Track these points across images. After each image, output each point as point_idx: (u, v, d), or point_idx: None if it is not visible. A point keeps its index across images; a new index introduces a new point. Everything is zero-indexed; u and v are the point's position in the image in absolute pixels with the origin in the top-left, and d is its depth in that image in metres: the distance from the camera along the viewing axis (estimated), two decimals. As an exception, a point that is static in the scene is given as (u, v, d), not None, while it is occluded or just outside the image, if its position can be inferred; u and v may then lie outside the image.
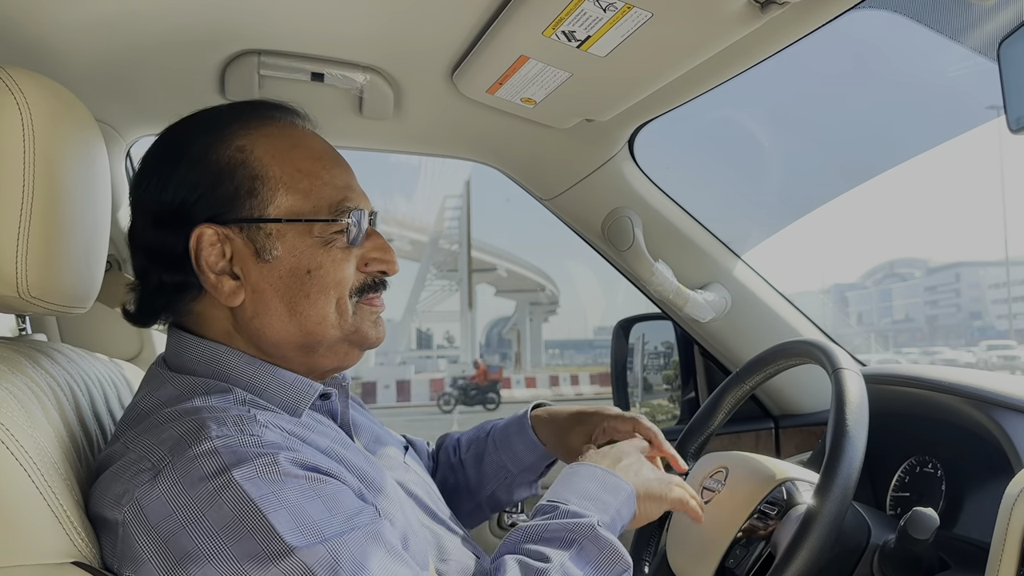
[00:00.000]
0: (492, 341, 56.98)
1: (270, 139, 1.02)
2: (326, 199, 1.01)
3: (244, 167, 0.99)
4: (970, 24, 1.19)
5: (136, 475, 0.84)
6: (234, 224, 0.98)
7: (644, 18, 1.09)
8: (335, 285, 1.01)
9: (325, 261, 1.00)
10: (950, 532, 1.25)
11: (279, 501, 0.81)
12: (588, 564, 0.95)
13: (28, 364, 0.97)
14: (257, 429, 0.87)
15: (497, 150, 1.74)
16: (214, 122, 1.03)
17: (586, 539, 0.96)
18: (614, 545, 0.97)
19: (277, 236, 0.99)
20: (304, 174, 1.01)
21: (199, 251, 0.97)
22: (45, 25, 1.18)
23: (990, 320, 62.71)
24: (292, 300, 0.99)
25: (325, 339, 1.02)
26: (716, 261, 1.81)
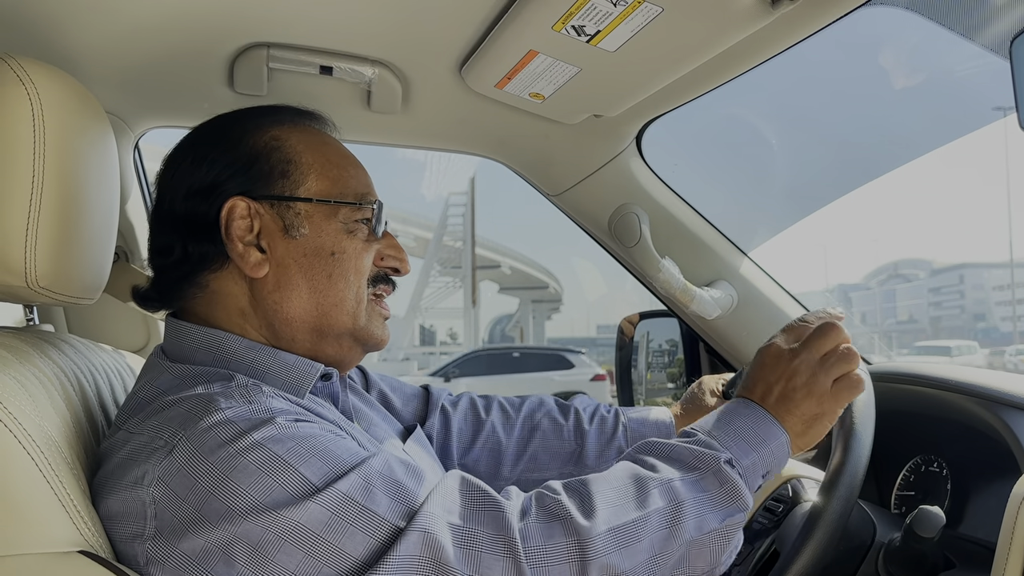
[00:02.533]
0: (495, 338, 57.02)
1: (303, 134, 1.09)
2: (352, 188, 1.07)
3: (279, 151, 1.05)
4: (982, 21, 1.19)
5: (151, 455, 0.84)
6: (265, 200, 1.03)
7: (655, 13, 1.08)
8: (355, 271, 1.05)
9: (348, 246, 1.05)
10: (956, 531, 1.25)
11: (305, 450, 0.83)
12: (700, 492, 0.91)
13: (35, 354, 0.97)
14: (264, 400, 0.90)
15: (504, 145, 1.74)
16: (251, 115, 1.10)
17: (709, 470, 0.93)
18: (736, 485, 0.92)
19: (305, 216, 1.04)
20: (333, 165, 1.08)
21: (230, 221, 1.01)
22: (57, 16, 1.18)
23: (994, 322, 62.58)
24: (314, 278, 1.03)
25: (337, 325, 1.05)
26: (723, 258, 1.81)
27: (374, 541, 0.80)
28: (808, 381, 1.01)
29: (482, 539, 0.82)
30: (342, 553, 0.79)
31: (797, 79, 78.55)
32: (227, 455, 0.82)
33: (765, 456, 0.97)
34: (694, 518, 0.89)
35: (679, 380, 2.07)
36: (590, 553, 0.83)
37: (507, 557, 0.81)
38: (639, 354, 2.12)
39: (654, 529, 0.87)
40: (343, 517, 0.80)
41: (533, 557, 0.82)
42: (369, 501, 0.81)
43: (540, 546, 0.83)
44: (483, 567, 0.81)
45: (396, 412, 1.33)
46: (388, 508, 0.82)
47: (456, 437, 1.38)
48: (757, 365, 1.06)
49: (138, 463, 0.85)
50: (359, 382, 1.32)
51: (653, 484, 0.90)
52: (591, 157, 1.70)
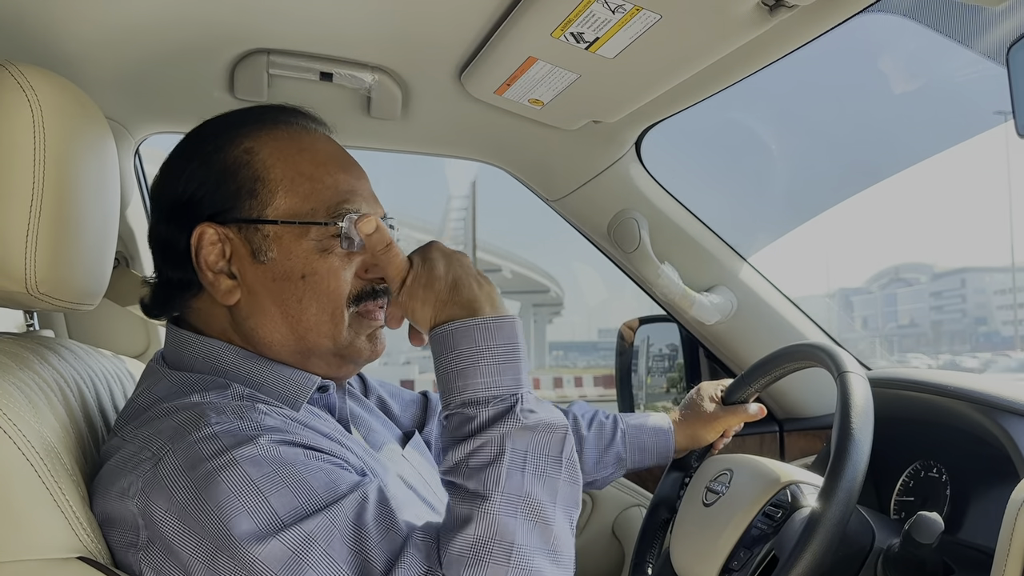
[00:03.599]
0: (496, 342, 56.67)
1: (278, 142, 1.03)
2: (324, 202, 1.01)
3: (247, 168, 1.01)
4: (979, 29, 1.19)
5: (138, 465, 0.85)
6: (233, 224, 1.00)
7: (653, 20, 1.09)
8: (328, 293, 1.00)
9: (320, 267, 0.99)
10: (954, 537, 1.25)
11: (280, 479, 0.82)
12: (525, 464, 0.85)
13: (35, 360, 0.97)
14: (256, 416, 0.89)
15: (504, 151, 1.74)
16: (229, 124, 1.05)
17: (513, 439, 0.85)
18: (544, 422, 0.87)
19: (274, 238, 0.99)
20: (305, 177, 1.01)
21: (199, 249, 0.99)
22: (57, 23, 1.19)
23: (995, 326, 62.52)
24: (284, 304, 0.99)
25: (317, 347, 1.01)
26: (722, 264, 1.81)
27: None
28: (429, 281, 0.93)
29: None
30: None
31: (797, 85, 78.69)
32: (205, 471, 0.82)
33: (501, 353, 0.89)
34: (548, 499, 0.85)
35: (679, 385, 2.08)
36: None
37: None
38: (639, 359, 2.12)
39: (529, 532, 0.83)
40: (303, 560, 0.79)
41: None
42: (331, 548, 0.80)
43: None
44: None
45: (395, 418, 1.33)
46: (348, 560, 0.80)
47: None
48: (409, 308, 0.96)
49: (125, 473, 0.86)
50: (358, 388, 1.32)
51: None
52: (590, 163, 1.71)
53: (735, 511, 1.19)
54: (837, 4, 1.10)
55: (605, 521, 1.88)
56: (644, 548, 1.43)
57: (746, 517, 1.17)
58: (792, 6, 1.04)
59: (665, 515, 1.44)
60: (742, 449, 1.81)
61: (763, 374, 1.38)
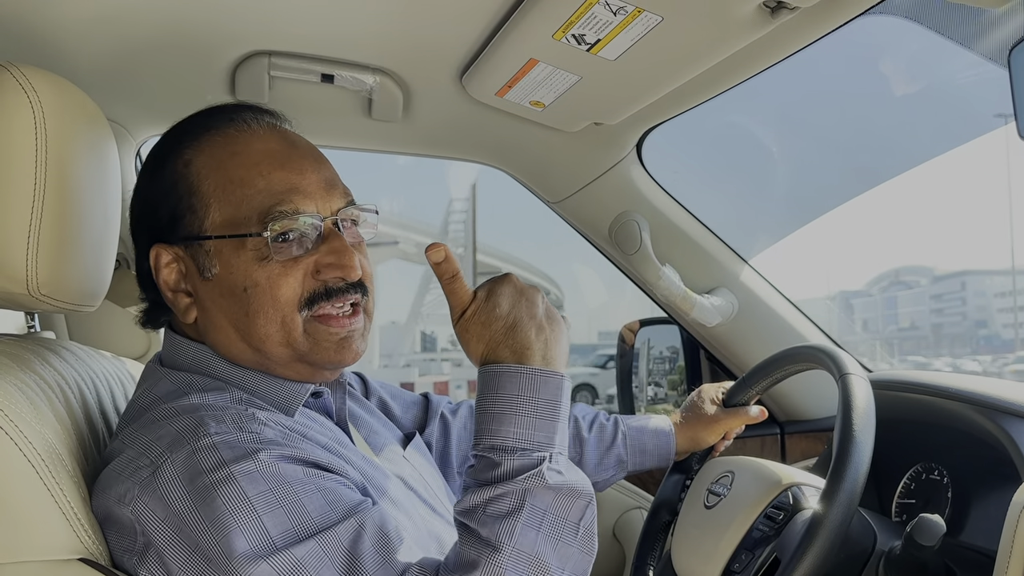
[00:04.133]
0: (496, 344, 56.62)
1: (213, 148, 1.00)
2: (256, 208, 0.96)
3: (184, 181, 0.99)
4: (981, 31, 1.19)
5: (135, 472, 0.85)
6: (180, 242, 0.99)
7: (654, 22, 1.09)
8: (272, 303, 0.96)
9: (260, 277, 0.96)
10: (956, 539, 1.25)
11: (276, 499, 0.82)
12: (537, 526, 0.83)
13: (37, 361, 0.97)
14: (256, 427, 0.88)
15: (505, 153, 1.74)
16: (177, 134, 1.03)
17: (530, 490, 0.84)
18: (560, 490, 0.85)
19: (215, 253, 0.97)
20: (236, 184, 0.97)
21: (158, 270, 1.00)
22: (59, 24, 1.19)
23: (996, 329, 62.47)
24: (234, 318, 0.98)
25: (275, 357, 0.99)
26: (723, 266, 1.81)
27: None
28: (493, 318, 0.91)
29: None
30: None
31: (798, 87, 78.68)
32: (202, 485, 0.82)
33: (541, 407, 0.88)
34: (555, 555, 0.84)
35: (680, 387, 2.08)
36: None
37: None
38: (640, 361, 2.12)
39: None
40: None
41: None
42: (320, 574, 0.80)
43: None
44: None
45: (396, 419, 1.33)
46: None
47: (456, 444, 1.38)
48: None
49: (123, 479, 0.86)
50: (359, 389, 1.32)
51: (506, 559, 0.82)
52: (591, 165, 1.71)
53: (737, 513, 1.19)
54: (838, 6, 1.10)
55: (606, 523, 1.88)
56: (645, 550, 1.43)
57: (748, 519, 1.17)
58: (794, 8, 1.04)
59: (666, 517, 1.44)
60: (743, 451, 1.81)
61: (764, 376, 1.38)
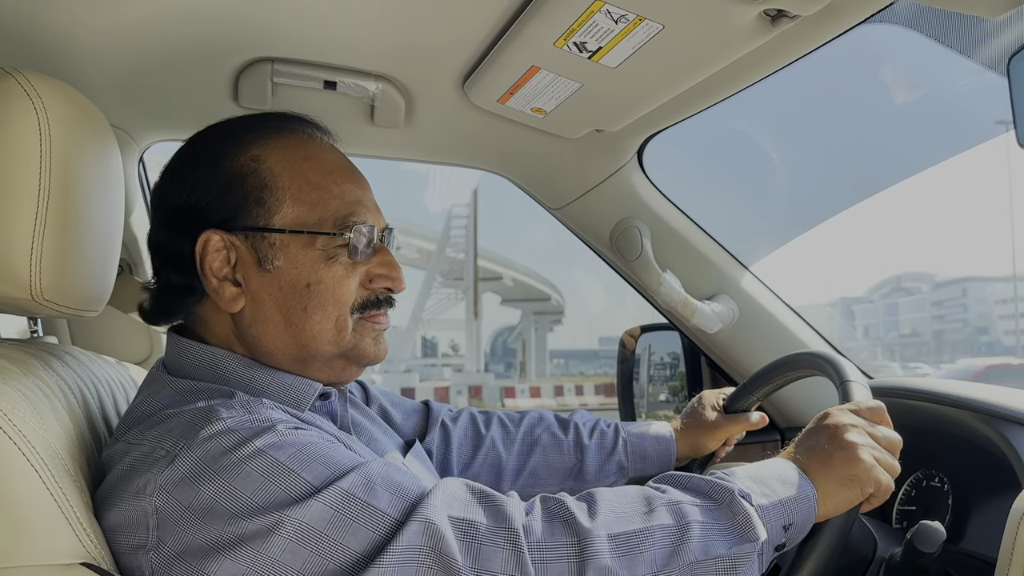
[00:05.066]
0: (497, 350, 56.93)
1: (285, 150, 1.04)
2: (332, 212, 1.02)
3: (255, 175, 1.01)
4: (980, 39, 1.19)
5: (152, 464, 0.85)
6: (240, 231, 1.00)
7: (655, 30, 1.09)
8: (334, 302, 1.01)
9: (325, 276, 1.01)
10: (956, 546, 1.25)
11: (307, 456, 0.84)
12: (709, 518, 0.89)
13: (39, 366, 0.97)
14: (264, 411, 0.90)
15: (506, 159, 1.75)
16: (234, 130, 1.06)
17: (723, 500, 0.90)
18: (749, 516, 0.89)
19: (280, 247, 1.00)
20: (313, 186, 1.02)
21: (204, 255, 1.00)
22: (63, 32, 1.19)
23: (997, 335, 62.42)
24: (289, 311, 1.00)
25: (320, 354, 1.03)
26: (724, 272, 1.82)
27: (377, 536, 0.81)
28: (852, 444, 1.00)
29: (482, 531, 0.83)
30: (346, 549, 0.80)
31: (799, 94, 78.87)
32: (230, 463, 0.83)
33: (788, 504, 0.93)
34: (700, 540, 0.86)
35: (681, 394, 2.08)
36: (589, 553, 0.83)
37: (507, 548, 0.82)
38: (641, 367, 2.12)
39: (657, 544, 0.86)
40: (346, 514, 0.81)
41: (534, 551, 0.83)
42: (371, 497, 0.83)
43: (540, 541, 0.83)
44: (482, 558, 0.81)
45: (396, 426, 1.34)
46: (389, 503, 0.83)
47: (456, 452, 1.38)
48: (816, 424, 1.07)
49: (140, 473, 0.85)
50: (359, 397, 1.32)
51: (660, 502, 0.90)
52: (593, 171, 1.71)
53: (737, 520, 1.19)
54: (839, 15, 1.10)
55: (606, 529, 1.88)
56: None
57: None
58: (794, 17, 1.04)
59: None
60: (744, 458, 1.81)
61: (765, 383, 1.39)
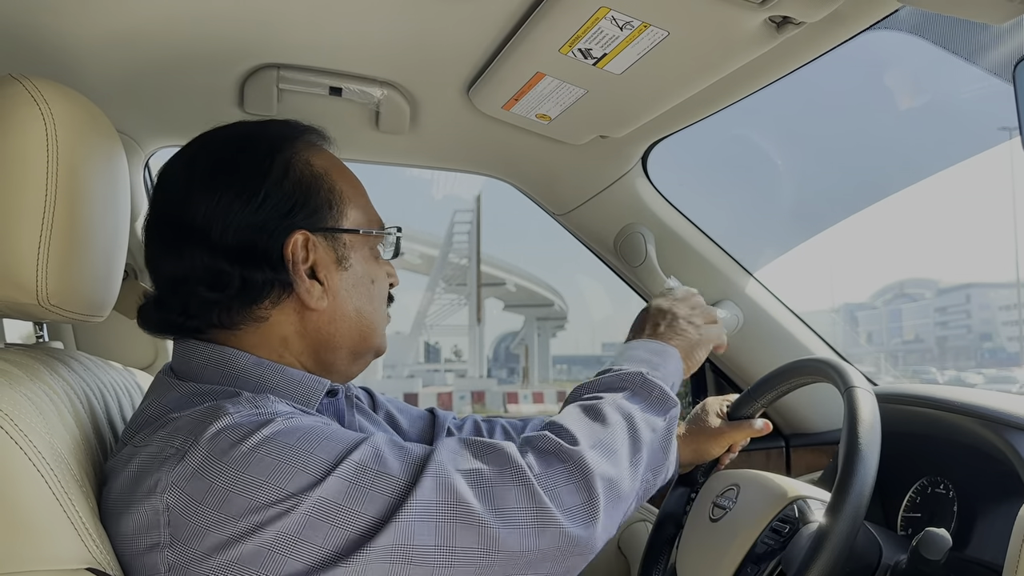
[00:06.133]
0: (500, 355, 56.93)
1: (325, 157, 1.10)
2: (373, 215, 1.11)
3: (323, 180, 1.06)
4: (985, 46, 1.20)
5: (163, 463, 0.85)
6: (320, 232, 1.04)
7: (660, 37, 1.10)
8: (382, 296, 1.11)
9: (379, 274, 1.11)
10: (962, 554, 1.25)
11: (316, 437, 0.86)
12: (638, 402, 1.03)
13: (45, 371, 0.97)
14: (270, 405, 0.91)
15: (511, 165, 1.75)
16: (281, 138, 1.06)
17: (637, 385, 1.05)
18: (662, 389, 1.06)
19: (351, 246, 1.07)
20: (358, 192, 1.11)
21: (295, 255, 1.01)
22: (69, 38, 1.20)
23: (1000, 342, 62.29)
24: (360, 307, 1.07)
25: (371, 346, 1.10)
26: (728, 278, 1.82)
27: (392, 499, 0.83)
28: (686, 315, 1.22)
29: (491, 475, 0.87)
30: (365, 516, 0.82)
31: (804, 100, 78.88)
32: (240, 454, 0.83)
33: (668, 370, 1.12)
34: (644, 421, 1.01)
35: (685, 400, 2.07)
36: (587, 469, 0.91)
37: (519, 484, 0.87)
38: (644, 373, 2.12)
39: (622, 439, 0.98)
40: (360, 484, 0.83)
41: (542, 481, 0.88)
42: (382, 465, 0.85)
43: (544, 472, 0.89)
44: (498, 499, 0.86)
45: (402, 432, 1.34)
46: (400, 468, 0.86)
47: None
48: (644, 315, 1.24)
49: (150, 473, 0.85)
50: (367, 403, 1.33)
51: (604, 406, 1.01)
52: (597, 177, 1.71)
53: (742, 526, 1.19)
54: (844, 21, 1.11)
55: (610, 536, 1.88)
56: (650, 564, 1.42)
57: (753, 532, 1.17)
58: (799, 23, 1.04)
59: (671, 530, 1.44)
60: (748, 464, 1.81)
61: (769, 389, 1.38)
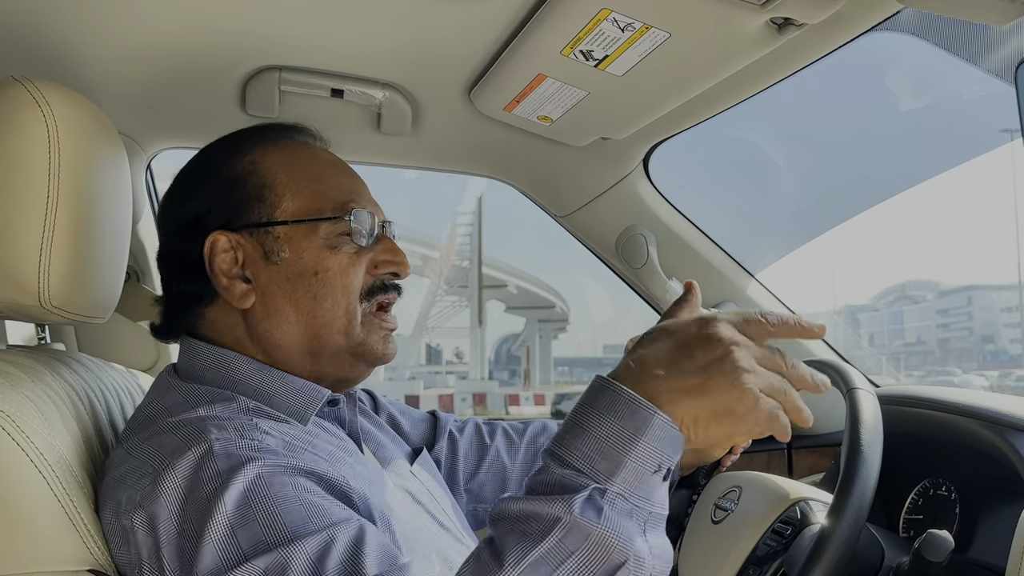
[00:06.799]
0: (501, 357, 56.92)
1: (281, 152, 1.07)
2: (331, 200, 1.04)
3: (254, 176, 1.04)
4: (987, 47, 1.20)
5: (138, 481, 0.84)
6: (244, 230, 1.03)
7: (662, 38, 1.10)
8: (342, 288, 1.02)
9: (332, 264, 1.02)
10: (964, 555, 1.24)
11: (255, 511, 0.79)
12: (560, 562, 0.66)
13: (47, 372, 0.97)
14: (257, 435, 0.87)
15: (513, 167, 1.75)
16: (233, 140, 1.09)
17: (566, 529, 0.67)
18: (602, 534, 0.67)
19: (285, 239, 1.02)
20: (310, 179, 1.05)
21: (212, 256, 1.02)
22: (72, 40, 1.20)
23: (1002, 344, 62.25)
24: (299, 301, 1.02)
25: (330, 345, 1.03)
26: (730, 280, 1.82)
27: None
28: (723, 357, 0.72)
29: None
30: None
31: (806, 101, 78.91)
32: (203, 496, 0.80)
33: (641, 456, 0.70)
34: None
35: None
36: None
37: None
38: (646, 375, 2.12)
39: None
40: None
41: None
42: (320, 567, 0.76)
43: None
44: None
45: (405, 435, 1.34)
46: None
47: (463, 462, 1.38)
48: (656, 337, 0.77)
49: (126, 487, 0.85)
50: (368, 405, 1.33)
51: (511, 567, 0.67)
52: (599, 179, 1.71)
53: (744, 528, 1.19)
54: (845, 23, 1.11)
55: (612, 538, 1.88)
56: (651, 565, 1.42)
57: (755, 534, 1.17)
58: (801, 25, 1.04)
59: (673, 532, 1.44)
60: (750, 466, 1.80)
61: (771, 391, 1.38)
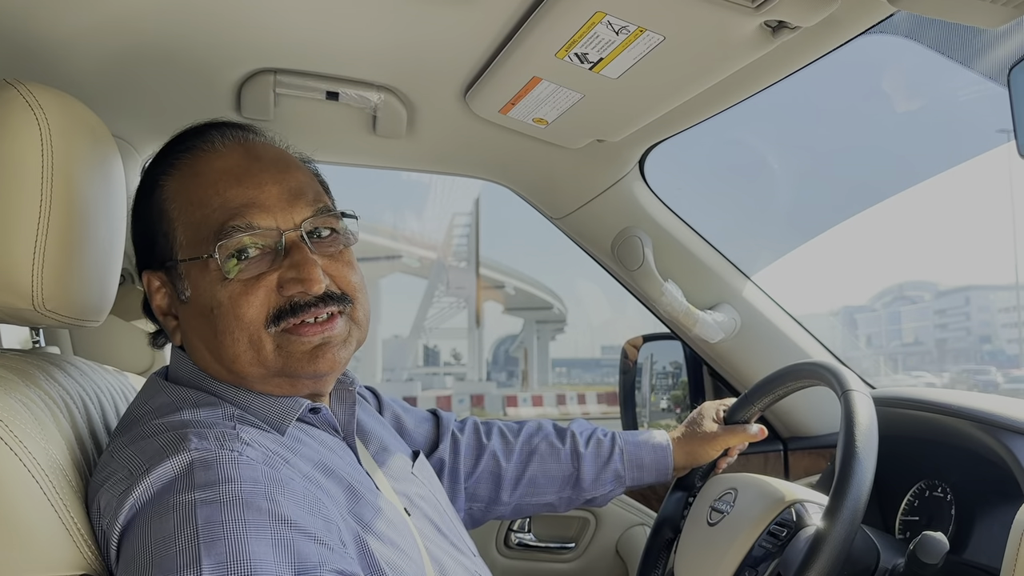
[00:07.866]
0: (499, 359, 56.85)
1: (180, 172, 1.01)
2: (211, 228, 0.95)
3: (157, 207, 1.02)
4: (981, 50, 1.20)
5: (114, 485, 0.84)
6: (159, 268, 1.02)
7: (656, 41, 1.10)
8: (236, 322, 0.95)
9: (223, 298, 0.95)
10: (960, 557, 1.24)
11: (223, 533, 0.76)
12: None
13: (41, 376, 0.97)
14: (238, 446, 0.85)
15: (508, 169, 1.75)
16: (158, 159, 1.06)
17: None
18: None
19: (186, 275, 0.99)
20: (195, 205, 0.98)
21: (151, 295, 1.03)
22: (65, 42, 1.20)
23: (1000, 344, 62.30)
24: (206, 339, 0.98)
25: (249, 375, 0.97)
26: (726, 282, 1.82)
27: None
28: None
29: None
30: None
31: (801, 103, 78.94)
32: (167, 505, 0.79)
33: None
34: None
35: (683, 403, 2.07)
36: None
37: None
38: (643, 377, 2.12)
39: None
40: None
41: None
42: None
43: None
44: None
45: (407, 434, 1.34)
46: None
47: (462, 461, 1.39)
48: None
49: (104, 491, 0.85)
50: (372, 404, 1.33)
51: None
52: (594, 181, 1.71)
53: (740, 530, 1.19)
54: (839, 25, 1.11)
55: (609, 540, 1.88)
56: (648, 568, 1.42)
57: (751, 536, 1.17)
58: (795, 28, 1.04)
59: (669, 534, 1.44)
60: (746, 468, 1.80)
61: (766, 393, 1.38)
